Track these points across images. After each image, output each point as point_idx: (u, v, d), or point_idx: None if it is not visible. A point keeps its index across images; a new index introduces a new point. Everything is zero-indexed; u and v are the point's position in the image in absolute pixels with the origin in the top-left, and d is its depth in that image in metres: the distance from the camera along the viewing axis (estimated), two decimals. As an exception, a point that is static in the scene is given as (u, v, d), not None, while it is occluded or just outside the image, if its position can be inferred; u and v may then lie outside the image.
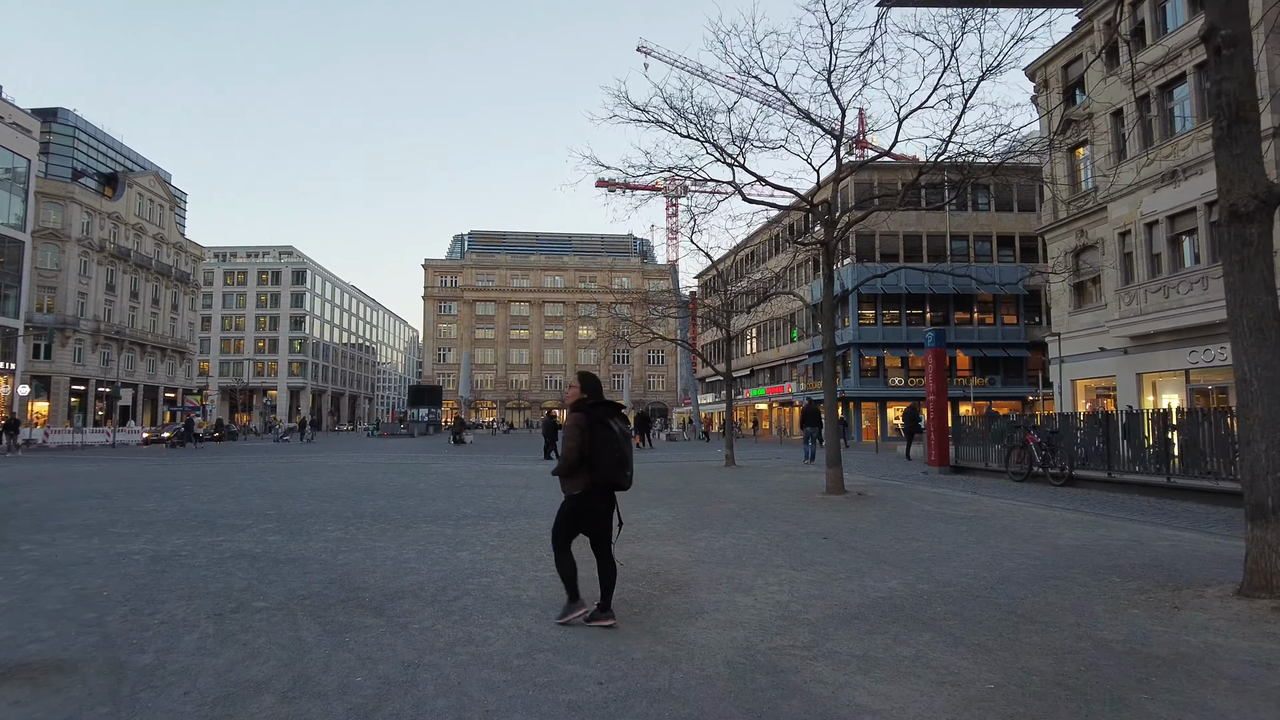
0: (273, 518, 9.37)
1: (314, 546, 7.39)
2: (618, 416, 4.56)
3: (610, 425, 4.43)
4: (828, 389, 12.00)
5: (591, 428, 4.42)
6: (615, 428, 4.44)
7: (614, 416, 4.52)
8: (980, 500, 11.21)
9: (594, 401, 4.57)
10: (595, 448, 4.40)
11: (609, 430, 4.40)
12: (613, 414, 4.53)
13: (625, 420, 4.65)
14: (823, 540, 7.81)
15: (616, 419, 4.52)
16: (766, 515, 9.76)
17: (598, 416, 4.46)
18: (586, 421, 4.43)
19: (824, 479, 13.01)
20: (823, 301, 11.74)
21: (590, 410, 4.50)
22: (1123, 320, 23.49)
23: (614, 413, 4.56)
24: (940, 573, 6.09)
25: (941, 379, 15.73)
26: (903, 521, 9.08)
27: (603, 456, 4.40)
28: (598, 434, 4.40)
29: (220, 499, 11.49)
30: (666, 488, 13.69)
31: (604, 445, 4.39)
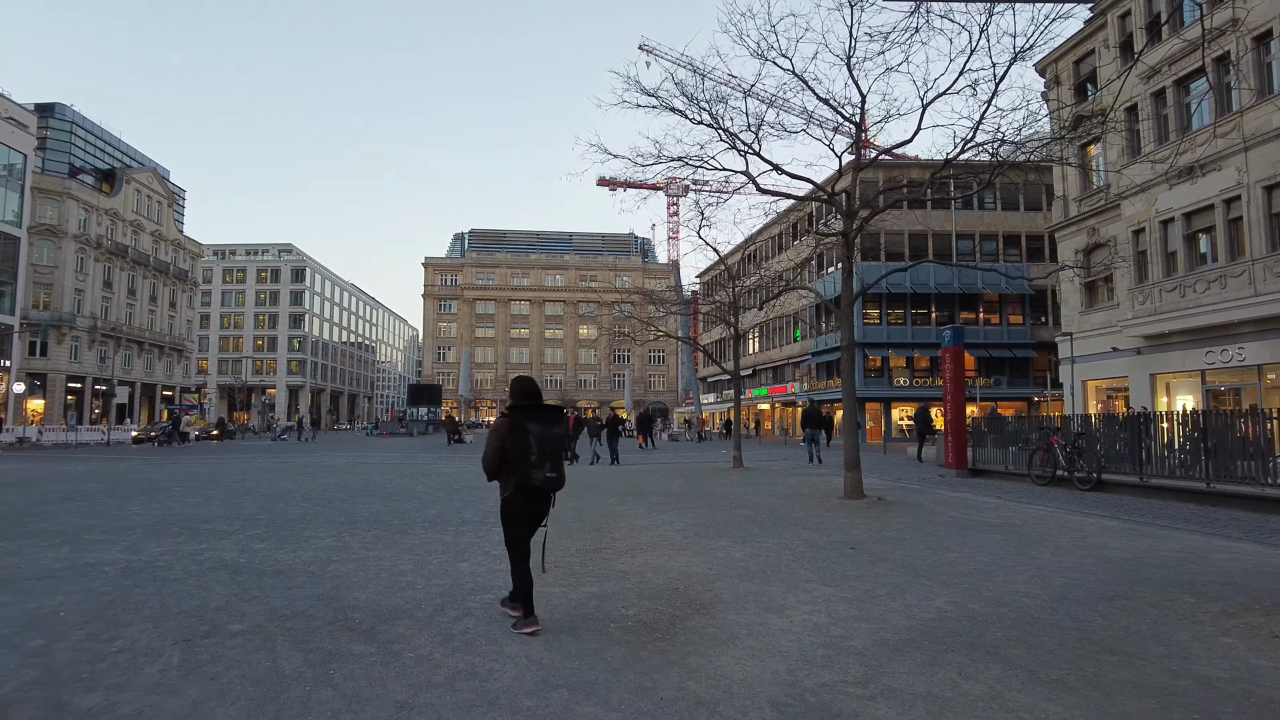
0: (261, 523, 8.82)
1: (303, 556, 6.84)
2: (549, 419, 4.66)
3: (529, 428, 4.53)
4: (846, 388, 11.45)
5: (511, 430, 4.54)
6: (537, 430, 4.55)
7: (542, 419, 4.61)
8: (1008, 506, 10.66)
9: (521, 405, 4.70)
10: (516, 450, 4.52)
11: (528, 433, 4.51)
12: (541, 416, 4.63)
13: (559, 422, 4.74)
14: (850, 551, 7.27)
15: (546, 422, 4.62)
16: (785, 522, 9.21)
17: (519, 420, 4.56)
18: (508, 426, 4.57)
19: (839, 482, 12.47)
20: (841, 296, 11.20)
21: (514, 414, 4.61)
22: (1136, 320, 22.97)
23: (543, 415, 4.65)
24: (988, 589, 5.55)
25: (960, 379, 15.19)
26: (931, 530, 8.53)
27: (520, 459, 4.52)
28: (517, 437, 4.51)
29: (208, 501, 10.95)
30: (674, 491, 13.15)
31: (521, 447, 4.51)
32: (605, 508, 10.69)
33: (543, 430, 4.59)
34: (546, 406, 4.81)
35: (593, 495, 12.34)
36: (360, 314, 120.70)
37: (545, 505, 4.84)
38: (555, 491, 4.80)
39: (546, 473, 4.61)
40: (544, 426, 4.61)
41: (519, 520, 4.81)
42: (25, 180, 47.98)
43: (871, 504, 10.77)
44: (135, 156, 74.15)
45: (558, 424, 4.72)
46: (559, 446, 4.69)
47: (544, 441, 4.57)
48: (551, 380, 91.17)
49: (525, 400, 4.78)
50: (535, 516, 4.83)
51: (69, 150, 66.98)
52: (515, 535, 4.84)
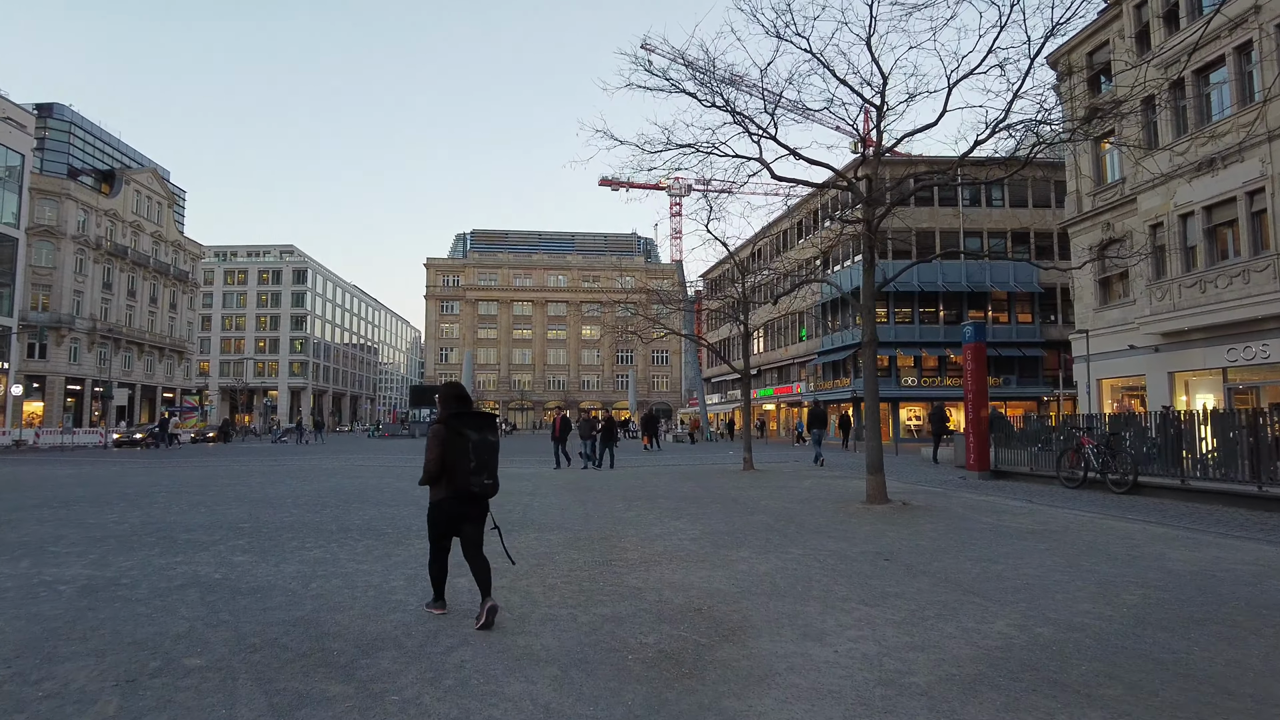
0: (246, 532, 8.22)
1: (285, 571, 6.23)
2: (484, 426, 4.76)
3: (467, 435, 4.62)
4: (868, 387, 10.82)
5: (450, 437, 4.61)
6: (474, 437, 4.63)
7: (476, 426, 4.70)
8: (1041, 510, 10.02)
9: (455, 412, 4.76)
10: (452, 456, 4.60)
11: (465, 439, 4.60)
12: (476, 423, 4.72)
13: (494, 429, 4.83)
14: (885, 563, 6.64)
15: (480, 428, 4.71)
16: (808, 530, 8.58)
17: (456, 427, 4.64)
18: (445, 432, 4.64)
19: (857, 485, 11.85)
20: (862, 289, 10.56)
21: (449, 421, 4.68)
22: (1154, 316, 22.32)
23: (479, 423, 4.74)
24: (1050, 609, 4.92)
25: (981, 377, 14.54)
26: (967, 538, 7.89)
27: (458, 464, 4.59)
28: (455, 443, 4.59)
29: (193, 508, 10.34)
30: (685, 495, 12.52)
31: (460, 454, 4.59)
32: (613, 514, 10.07)
33: (480, 438, 4.68)
34: (480, 414, 4.86)
35: (599, 500, 11.73)
36: (362, 315, 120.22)
37: (482, 509, 4.91)
38: (490, 497, 4.87)
39: (484, 479, 4.70)
40: (480, 434, 4.70)
41: (447, 524, 4.88)
42: (23, 180, 47.51)
43: (896, 509, 10.13)
44: (135, 157, 73.71)
45: (492, 431, 4.81)
46: (495, 454, 4.82)
47: (481, 449, 4.66)
48: (554, 381, 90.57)
49: (458, 406, 4.83)
50: (464, 520, 4.83)
51: (68, 150, 66.58)
52: (441, 534, 4.93)
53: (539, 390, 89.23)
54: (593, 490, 13.30)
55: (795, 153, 10.40)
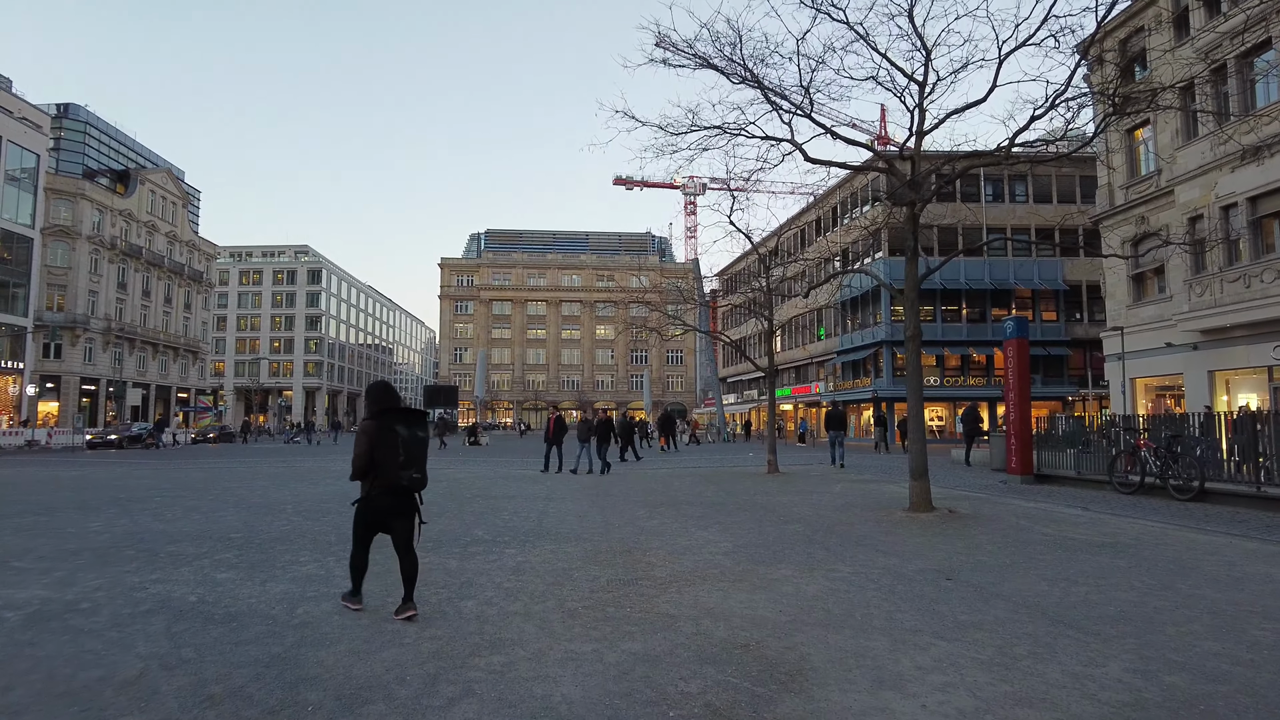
0: (236, 543, 7.54)
1: (271, 591, 5.53)
2: (414, 422, 4.88)
3: (396, 430, 4.74)
4: (911, 384, 9.99)
5: (379, 433, 4.72)
6: (403, 432, 4.75)
7: (408, 423, 4.82)
8: (1103, 519, 9.15)
9: (383, 409, 4.84)
10: (381, 451, 4.71)
11: (394, 435, 4.71)
12: (407, 420, 4.83)
13: (424, 425, 4.96)
14: (947, 583, 5.84)
15: (409, 424, 4.82)
16: (850, 541, 7.79)
17: (386, 423, 4.74)
18: (374, 428, 4.74)
19: (892, 490, 11.04)
20: (906, 279, 9.75)
21: (379, 417, 4.78)
22: (1193, 313, 21.31)
23: (409, 419, 4.85)
24: (1168, 648, 4.11)
25: (1024, 374, 13.67)
26: (1031, 552, 7.07)
27: (386, 459, 4.70)
28: (384, 439, 4.71)
29: (186, 514, 9.70)
30: (710, 500, 11.75)
31: (388, 449, 4.70)
32: (636, 522, 9.32)
33: (409, 433, 4.79)
34: (411, 410, 4.95)
35: (619, 506, 10.98)
36: (377, 315, 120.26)
37: (411, 504, 4.94)
38: (419, 491, 4.96)
39: (413, 474, 4.81)
40: (410, 430, 4.81)
41: (374, 517, 4.90)
42: (38, 181, 47.49)
43: (943, 518, 9.30)
44: (149, 157, 73.88)
45: (422, 427, 4.93)
46: (424, 449, 4.93)
47: (410, 444, 4.78)
48: (569, 381, 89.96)
49: (387, 403, 4.90)
50: (394, 514, 4.89)
51: (83, 151, 66.75)
52: (364, 531, 4.98)
53: (553, 390, 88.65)
54: (611, 495, 12.56)
55: (832, 131, 9.59)
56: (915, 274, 9.74)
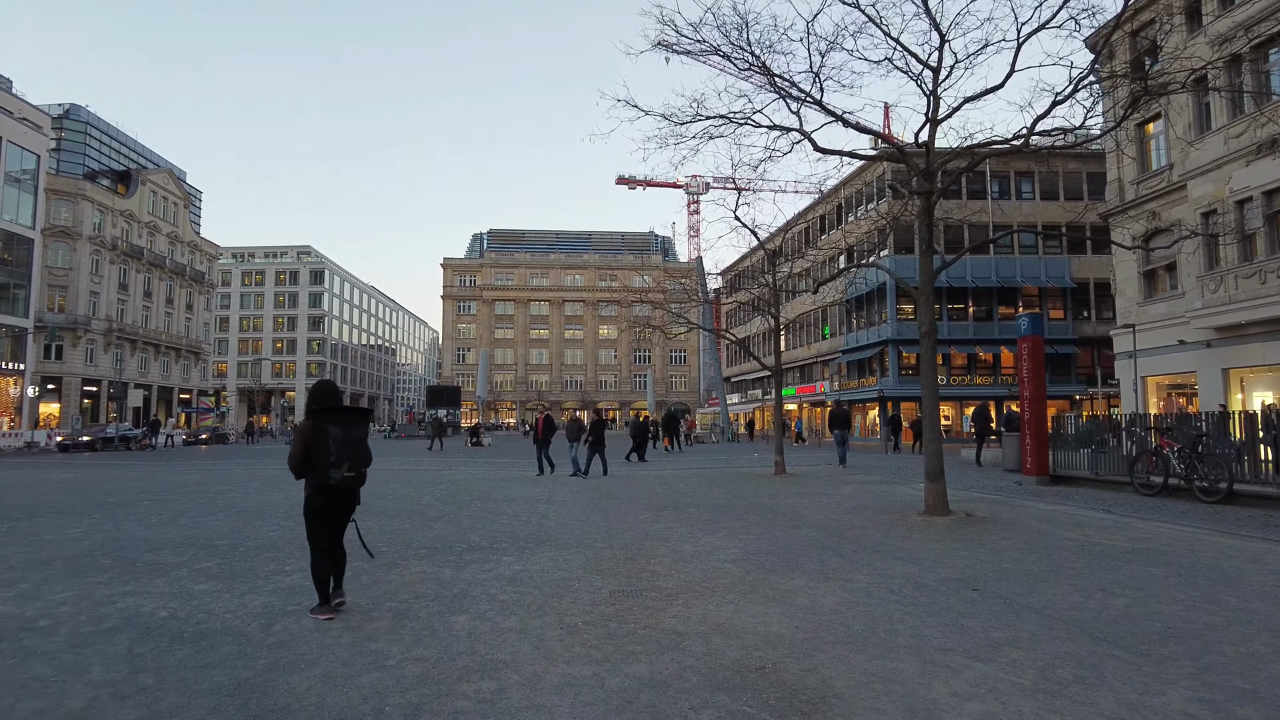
0: (220, 551, 7.17)
1: (249, 605, 5.16)
2: (351, 421, 4.91)
3: (330, 430, 4.78)
4: (926, 383, 9.59)
5: (314, 433, 4.77)
6: (338, 432, 4.80)
7: (344, 422, 4.87)
8: (1129, 523, 8.75)
9: (321, 408, 4.91)
10: (316, 450, 4.76)
11: (328, 435, 4.76)
12: (343, 419, 4.88)
13: (362, 424, 5.01)
14: (973, 594, 5.45)
15: (348, 424, 4.87)
16: (865, 548, 7.40)
17: (321, 423, 4.80)
18: (309, 427, 4.81)
19: (905, 492, 10.66)
20: (920, 273, 9.35)
21: (316, 416, 4.85)
22: (1207, 310, 20.89)
23: (345, 418, 4.90)
24: (1232, 671, 3.72)
25: (1039, 372, 13.26)
26: (1059, 559, 6.68)
27: (321, 459, 4.75)
28: (319, 438, 4.75)
29: (173, 519, 9.34)
30: (715, 502, 11.36)
31: (322, 448, 4.75)
32: (639, 526, 8.94)
33: (344, 432, 4.83)
34: (349, 409, 4.99)
35: (622, 509, 10.60)
36: (380, 316, 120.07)
37: (348, 502, 5.02)
38: (356, 489, 5.02)
39: (345, 472, 4.81)
40: (345, 429, 4.85)
41: (319, 518, 4.95)
42: (39, 181, 47.28)
43: (960, 522, 8.91)
44: (151, 157, 73.70)
45: (359, 426, 4.97)
46: (360, 447, 4.93)
47: (344, 443, 4.81)
48: (571, 381, 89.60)
49: (325, 404, 4.95)
50: (336, 513, 4.98)
51: (84, 151, 66.57)
52: (316, 532, 4.98)
53: (556, 391, 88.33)
54: (614, 498, 12.18)
55: (843, 118, 9.19)
56: (930, 268, 9.34)
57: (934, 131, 9.35)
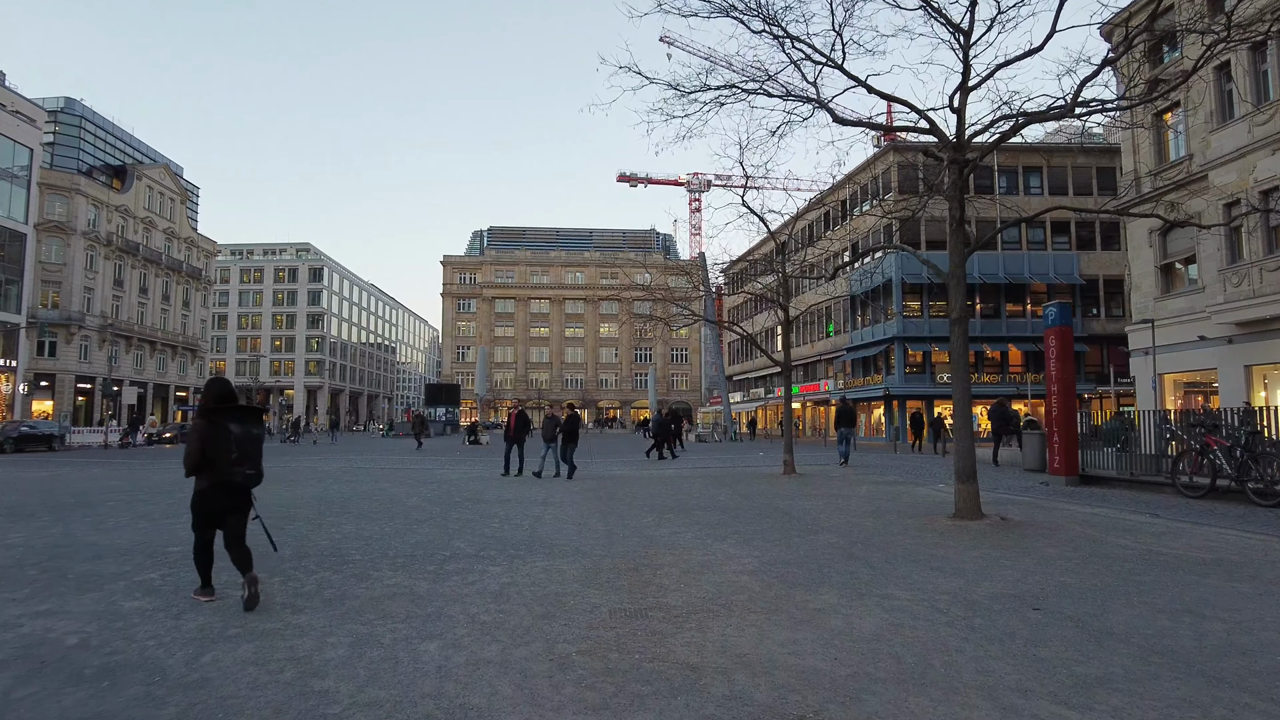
0: (171, 559, 6.37)
1: (185, 627, 4.36)
2: (248, 419, 4.95)
3: (229, 428, 4.80)
4: (957, 374, 8.78)
5: (211, 430, 4.78)
6: (238, 430, 4.83)
7: (242, 420, 4.90)
8: (1186, 529, 7.93)
9: (217, 407, 4.89)
10: (213, 448, 4.76)
11: (227, 432, 4.78)
12: (241, 417, 4.91)
13: (258, 422, 5.05)
14: (1035, 614, 4.64)
15: (243, 422, 4.90)
16: (897, 557, 6.58)
17: (220, 421, 4.81)
18: (206, 425, 4.81)
19: (924, 494, 9.86)
20: (949, 254, 8.54)
21: (211, 414, 4.85)
22: (1228, 304, 20.08)
23: (243, 416, 4.93)
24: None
25: (1068, 365, 12.45)
26: (1122, 572, 5.86)
27: (220, 456, 4.76)
28: (216, 436, 4.77)
29: (133, 523, 8.53)
30: (723, 505, 10.55)
31: (221, 446, 4.76)
32: (642, 531, 8.13)
33: (243, 430, 4.84)
34: (246, 408, 4.99)
35: (623, 512, 9.79)
36: (380, 314, 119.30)
37: (244, 500, 5.00)
38: (254, 487, 5.00)
39: (246, 470, 4.84)
40: (244, 427, 4.87)
41: (210, 514, 4.94)
42: (32, 175, 46.53)
43: (996, 527, 8.09)
44: (147, 152, 72.93)
45: (256, 424, 5.00)
46: (258, 446, 4.96)
47: (244, 441, 4.82)
48: (572, 380, 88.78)
49: (222, 402, 4.93)
50: (229, 510, 4.95)
51: (78, 145, 65.79)
52: (203, 526, 5.00)
53: (556, 389, 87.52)
54: (615, 499, 11.37)
55: (866, 84, 8.38)
56: (961, 248, 8.53)
57: (964, 99, 8.53)
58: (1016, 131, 8.06)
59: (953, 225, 8.48)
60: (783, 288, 15.70)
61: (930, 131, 8.59)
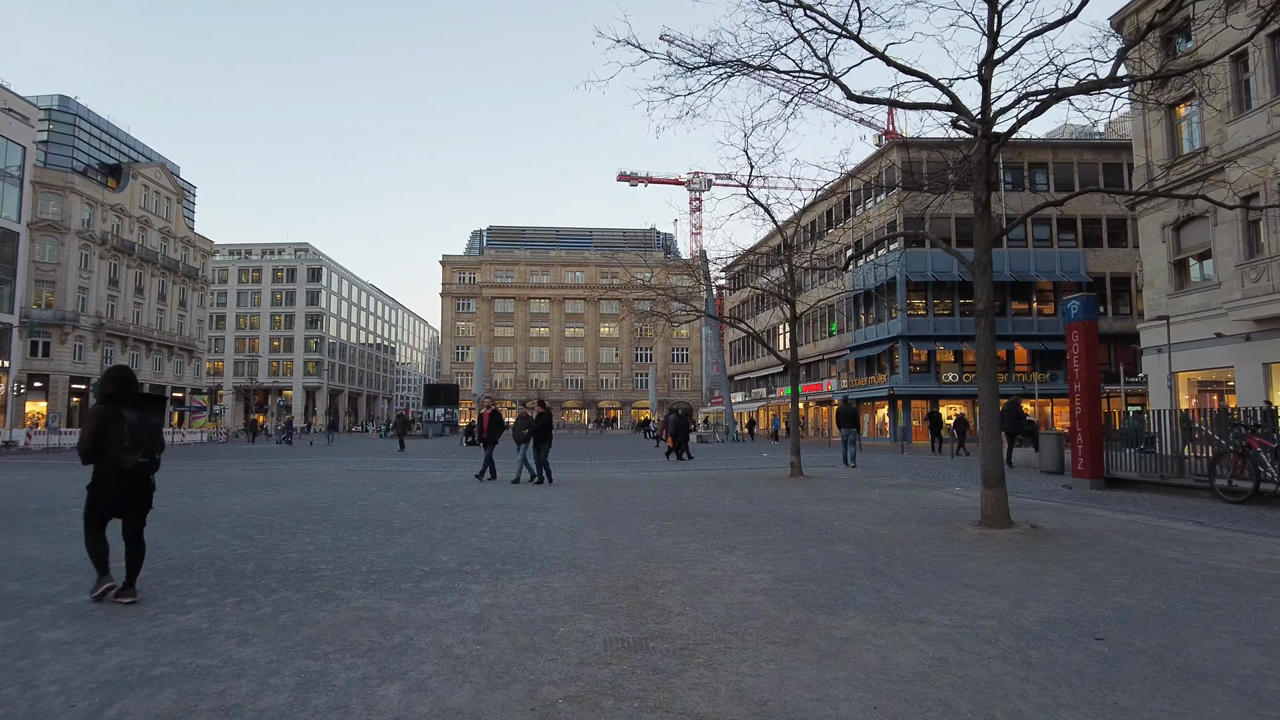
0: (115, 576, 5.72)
1: (102, 666, 3.70)
2: (146, 407, 4.97)
3: (125, 416, 4.81)
4: (983, 369, 8.11)
5: (105, 418, 4.79)
6: (134, 418, 4.83)
7: (139, 408, 4.92)
8: (1239, 539, 7.25)
9: (114, 393, 4.90)
10: (107, 436, 4.76)
11: (123, 421, 4.78)
12: (139, 405, 4.93)
13: (157, 411, 5.09)
14: (1099, 645, 3.98)
15: (140, 410, 4.92)
16: (925, 571, 5.92)
17: (116, 409, 4.82)
18: (102, 412, 4.82)
19: (939, 497, 9.20)
20: (976, 240, 7.88)
21: (111, 402, 4.86)
22: (1247, 300, 19.49)
23: (141, 404, 4.96)
24: None
25: (1092, 361, 11.79)
26: (1183, 591, 5.20)
27: (112, 444, 4.76)
28: (111, 424, 4.77)
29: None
30: (729, 510, 9.89)
31: (115, 434, 4.76)
32: (643, 541, 7.47)
33: (140, 418, 4.89)
34: (145, 396, 5.07)
35: (622, 518, 9.13)
36: (379, 314, 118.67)
37: (141, 489, 4.99)
38: (149, 476, 5.01)
39: (139, 458, 4.84)
40: (141, 415, 4.91)
41: (103, 501, 4.92)
42: (25, 174, 45.91)
43: (1028, 536, 7.42)
44: (143, 151, 72.32)
45: (156, 413, 5.05)
46: (155, 434, 4.98)
47: (139, 429, 4.85)
48: (572, 380, 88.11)
49: (117, 389, 4.93)
50: (126, 499, 4.94)
51: (73, 144, 65.18)
52: (95, 514, 4.95)
53: (556, 389, 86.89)
54: (613, 504, 10.71)
55: (884, 56, 7.72)
56: (987, 232, 7.87)
57: (990, 71, 7.87)
58: (1051, 104, 7.39)
59: (978, 209, 7.82)
60: (790, 281, 15.04)
61: (953, 108, 7.93)
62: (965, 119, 7.87)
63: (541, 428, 14.06)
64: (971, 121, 7.80)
